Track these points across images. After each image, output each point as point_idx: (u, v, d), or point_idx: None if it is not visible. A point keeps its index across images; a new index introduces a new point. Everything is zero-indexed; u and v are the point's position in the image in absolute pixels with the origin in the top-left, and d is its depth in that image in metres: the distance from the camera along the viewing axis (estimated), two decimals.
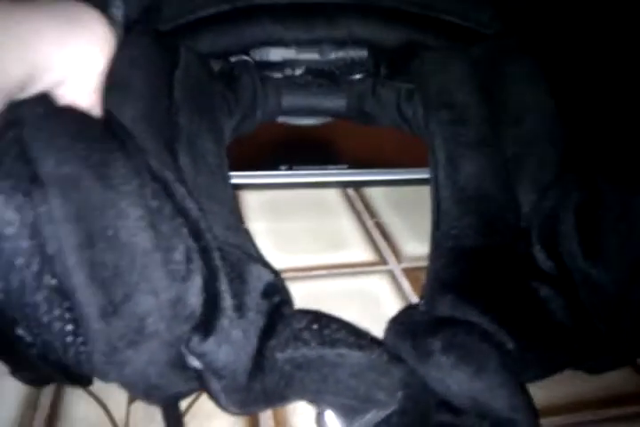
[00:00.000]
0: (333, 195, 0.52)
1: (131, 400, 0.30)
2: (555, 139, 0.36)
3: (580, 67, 0.36)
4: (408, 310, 0.31)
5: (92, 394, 0.30)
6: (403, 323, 0.29)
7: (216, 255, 0.29)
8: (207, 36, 0.47)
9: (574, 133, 0.35)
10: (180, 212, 0.28)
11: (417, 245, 0.44)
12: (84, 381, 0.26)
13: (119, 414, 0.31)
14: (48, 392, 0.31)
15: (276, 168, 0.51)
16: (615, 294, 0.27)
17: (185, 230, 0.27)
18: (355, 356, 0.27)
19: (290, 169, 0.51)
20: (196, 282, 0.26)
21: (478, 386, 0.24)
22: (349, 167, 0.52)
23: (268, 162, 0.52)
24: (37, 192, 0.20)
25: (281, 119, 0.54)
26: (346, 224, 0.48)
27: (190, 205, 0.30)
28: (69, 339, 0.23)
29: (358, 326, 0.30)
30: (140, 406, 0.31)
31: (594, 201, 0.29)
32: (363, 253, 0.44)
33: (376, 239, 0.46)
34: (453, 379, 0.25)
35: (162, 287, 0.23)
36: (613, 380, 0.34)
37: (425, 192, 0.39)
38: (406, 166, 0.52)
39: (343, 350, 0.28)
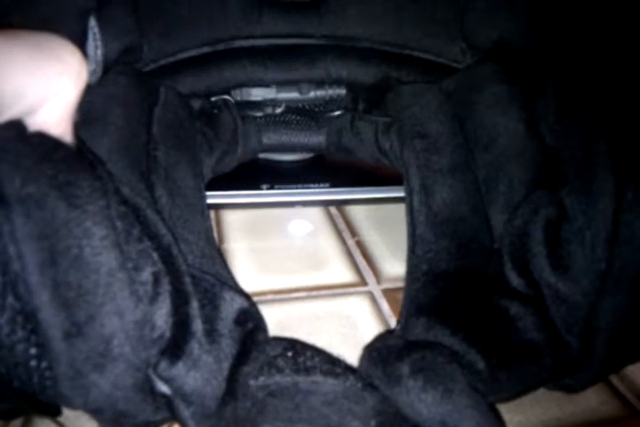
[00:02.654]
0: (315, 213, 0.52)
1: None
2: (524, 160, 0.37)
3: (551, 89, 0.37)
4: (383, 336, 0.31)
5: (60, 425, 0.29)
6: (376, 349, 0.29)
7: (187, 280, 0.29)
8: (188, 77, 0.49)
9: (545, 154, 0.36)
10: (151, 236, 0.29)
11: (397, 265, 0.44)
12: (51, 410, 0.26)
13: None
14: (16, 424, 0.30)
15: (257, 187, 0.51)
16: (584, 307, 0.27)
17: (154, 254, 0.27)
18: (329, 383, 0.27)
19: (271, 188, 0.51)
20: (165, 304, 0.26)
21: (447, 408, 0.24)
22: (331, 186, 0.52)
23: (249, 181, 0.52)
24: (1, 212, 0.20)
25: (262, 155, 0.55)
26: (327, 243, 0.48)
27: (163, 232, 0.30)
28: (33, 363, 0.23)
29: (336, 350, 0.30)
30: None
31: (560, 215, 0.29)
32: (343, 273, 0.44)
33: (357, 259, 0.46)
34: (422, 403, 0.25)
35: (127, 308, 0.23)
36: (591, 404, 0.33)
37: None
38: (389, 184, 0.52)
39: (317, 378, 0.27)
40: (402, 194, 0.42)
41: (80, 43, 0.34)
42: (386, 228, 0.50)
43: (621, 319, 0.27)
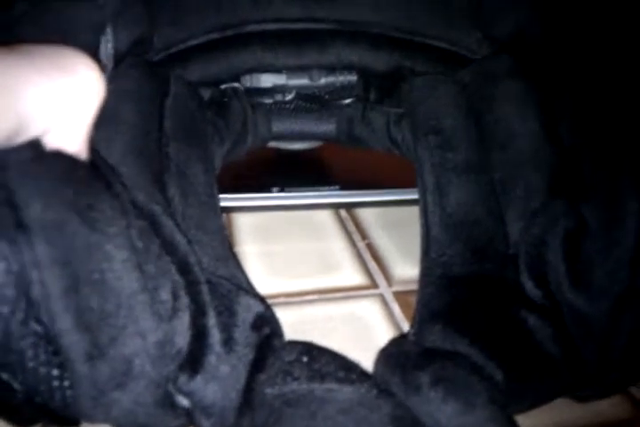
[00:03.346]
0: (325, 216, 0.52)
1: None
2: (541, 163, 0.36)
3: (571, 88, 0.37)
4: (397, 341, 0.31)
5: None
6: (392, 355, 0.29)
7: (204, 289, 0.29)
8: (197, 64, 0.48)
9: (562, 157, 0.35)
10: (168, 247, 0.29)
11: (408, 268, 0.44)
12: (71, 423, 0.26)
13: None
14: None
15: (267, 190, 0.51)
16: (603, 325, 0.27)
17: (172, 267, 0.27)
18: (344, 391, 0.27)
19: (282, 191, 0.51)
20: (183, 320, 0.26)
21: (468, 420, 0.24)
22: (341, 188, 0.52)
23: (259, 184, 0.52)
24: (23, 239, 0.20)
25: (272, 144, 0.54)
26: (337, 246, 0.48)
27: (179, 239, 0.30)
28: (55, 383, 0.23)
29: (349, 354, 0.30)
30: None
31: (580, 229, 0.29)
32: (354, 276, 0.44)
33: (367, 262, 0.46)
34: (442, 413, 0.25)
35: (149, 329, 0.23)
36: (603, 407, 0.33)
37: (417, 212, 0.39)
38: (399, 187, 0.52)
39: (332, 385, 0.28)
40: (412, 196, 0.41)
41: (95, 53, 0.33)
42: (396, 230, 0.50)
43: (638, 338, 0.27)
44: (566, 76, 0.36)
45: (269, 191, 0.51)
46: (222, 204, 0.47)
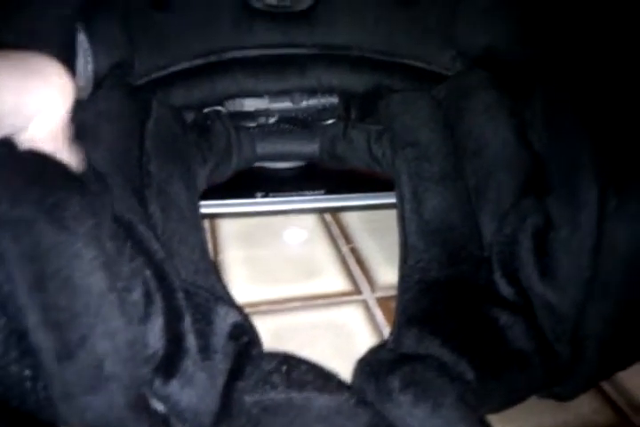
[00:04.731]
0: (310, 220, 0.53)
1: None
2: (512, 167, 0.37)
3: (538, 96, 0.38)
4: (375, 349, 0.31)
5: None
6: (368, 363, 0.29)
7: (180, 296, 0.29)
8: (180, 89, 0.49)
9: (532, 160, 0.36)
10: (144, 253, 0.29)
11: (391, 273, 0.44)
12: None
13: None
14: None
15: (252, 196, 0.51)
16: (572, 315, 0.27)
17: (147, 272, 0.28)
18: (322, 399, 0.27)
19: (266, 196, 0.51)
20: (157, 323, 0.26)
21: (437, 423, 0.24)
22: (326, 193, 0.52)
23: (243, 189, 0.52)
24: None
25: (257, 164, 0.55)
26: (322, 251, 0.48)
27: (155, 246, 0.30)
28: (28, 384, 0.23)
29: (331, 361, 0.30)
30: None
31: (547, 224, 0.30)
32: (337, 281, 0.44)
33: (351, 267, 0.46)
34: (413, 417, 0.25)
35: (118, 329, 0.23)
36: (584, 411, 0.33)
37: None
38: (383, 190, 0.51)
39: (311, 394, 0.28)
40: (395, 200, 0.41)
41: (66, 54, 0.34)
42: (380, 233, 0.50)
43: (609, 327, 0.27)
44: (533, 85, 0.37)
45: (254, 197, 0.51)
46: (207, 210, 0.48)
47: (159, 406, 0.26)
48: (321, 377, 0.29)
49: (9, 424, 0.25)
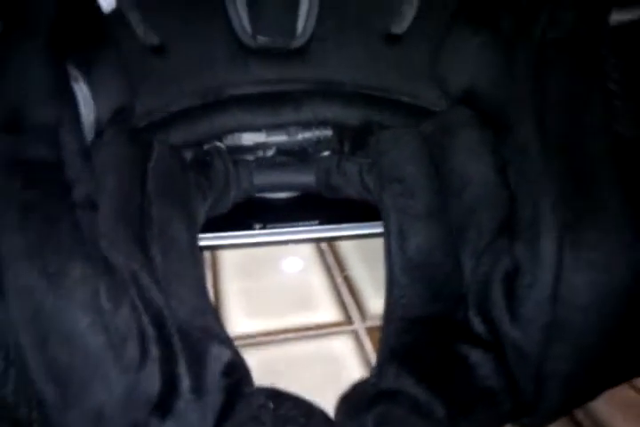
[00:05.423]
0: (306, 249, 0.55)
1: None
2: (492, 206, 0.39)
3: (511, 135, 0.40)
4: (358, 384, 0.34)
5: None
6: (349, 400, 0.32)
7: (176, 341, 0.32)
8: (180, 128, 0.52)
9: (510, 199, 0.38)
10: (144, 301, 0.32)
11: (381, 302, 0.46)
12: None
13: None
14: None
15: (250, 227, 0.54)
16: (534, 354, 0.29)
17: (145, 320, 0.30)
18: None
19: (263, 228, 0.54)
20: (152, 370, 0.28)
21: None
22: (320, 223, 0.55)
23: (241, 221, 0.54)
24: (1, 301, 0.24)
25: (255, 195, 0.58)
26: (317, 280, 0.51)
27: (154, 295, 0.33)
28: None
29: (322, 391, 0.33)
30: None
31: (515, 267, 0.32)
32: (330, 312, 0.47)
33: (344, 297, 0.49)
34: None
35: (114, 381, 0.26)
36: None
37: None
38: (376, 219, 0.53)
39: None
40: None
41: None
42: (374, 262, 0.52)
43: (569, 367, 0.29)
44: (507, 124, 0.39)
45: (252, 228, 0.54)
46: (207, 243, 0.51)
47: None
48: (306, 413, 0.31)
49: None
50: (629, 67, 0.34)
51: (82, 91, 0.41)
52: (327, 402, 0.33)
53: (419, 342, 0.34)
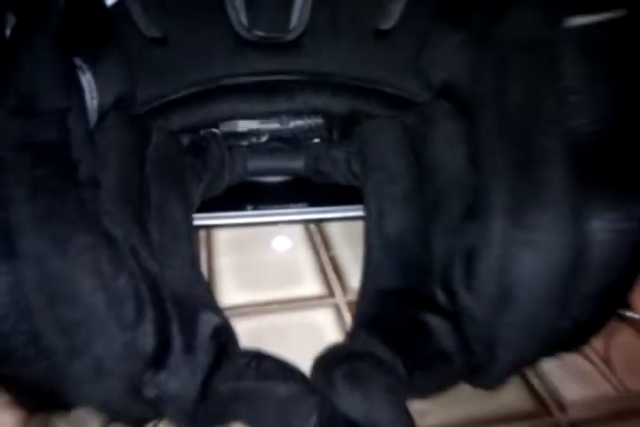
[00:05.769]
0: (296, 230, 0.59)
1: (104, 424, 0.36)
2: (462, 191, 0.42)
3: (481, 127, 0.43)
4: (331, 347, 0.38)
5: (73, 419, 0.36)
6: (323, 359, 0.36)
7: (170, 305, 0.36)
8: (179, 115, 0.55)
9: (481, 184, 0.41)
10: (142, 270, 0.36)
11: None
12: (66, 407, 0.33)
13: None
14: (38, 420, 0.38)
15: (243, 208, 0.58)
16: (486, 322, 0.33)
17: (143, 286, 0.34)
18: (281, 388, 0.34)
19: (255, 209, 0.58)
20: (147, 329, 0.32)
21: (367, 406, 0.31)
22: (309, 206, 0.59)
23: (235, 203, 0.58)
24: (14, 264, 0.27)
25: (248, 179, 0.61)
26: (304, 258, 0.55)
27: (151, 264, 0.37)
28: (44, 377, 0.30)
29: (301, 356, 0.36)
30: None
31: (473, 245, 0.36)
32: (314, 286, 0.51)
33: (328, 274, 0.52)
34: (350, 402, 0.31)
35: (114, 336, 0.30)
36: (509, 400, 0.39)
37: None
38: (361, 203, 0.57)
39: (273, 384, 0.34)
40: None
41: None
42: (358, 243, 0.56)
43: (517, 333, 0.33)
44: (479, 117, 0.43)
45: (244, 209, 0.58)
46: (203, 222, 0.55)
47: (150, 393, 0.33)
48: (284, 370, 0.35)
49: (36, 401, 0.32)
50: (590, 67, 0.37)
51: (86, 79, 0.45)
52: (306, 365, 0.37)
53: (387, 312, 0.38)
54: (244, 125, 0.60)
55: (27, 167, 0.30)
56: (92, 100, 0.45)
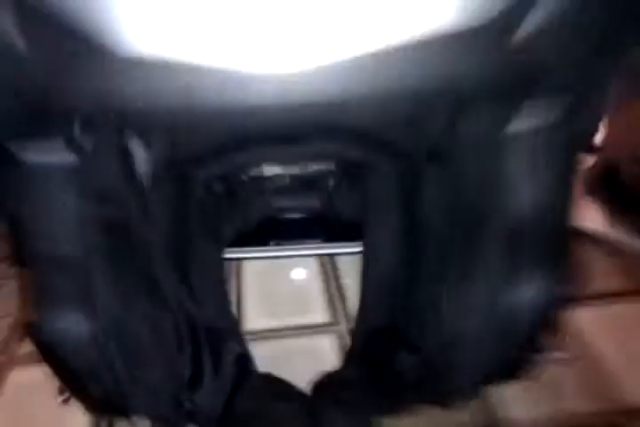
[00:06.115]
0: (311, 261, 0.71)
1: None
2: (439, 244, 0.52)
3: None
4: (327, 374, 0.49)
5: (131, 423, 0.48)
6: (319, 384, 0.47)
7: (202, 337, 0.47)
8: (212, 165, 0.66)
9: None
10: (181, 310, 0.47)
11: None
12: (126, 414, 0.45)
13: None
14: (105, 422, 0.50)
15: (267, 243, 0.69)
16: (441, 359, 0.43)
17: (183, 327, 0.45)
18: (285, 407, 0.45)
19: (278, 244, 0.69)
20: (186, 360, 0.44)
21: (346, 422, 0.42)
22: (323, 241, 0.70)
23: (260, 239, 0.70)
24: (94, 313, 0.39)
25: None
26: (316, 287, 0.66)
27: (188, 306, 0.48)
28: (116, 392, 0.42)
29: (308, 377, 0.47)
30: None
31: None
32: (324, 314, 0.62)
33: (335, 302, 0.63)
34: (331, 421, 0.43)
35: (161, 362, 0.42)
36: (465, 415, 0.49)
37: None
38: None
39: (280, 403, 0.45)
40: None
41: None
42: None
43: (466, 367, 0.43)
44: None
45: (268, 244, 0.69)
46: (234, 255, 0.66)
47: (187, 407, 0.44)
48: (288, 391, 0.46)
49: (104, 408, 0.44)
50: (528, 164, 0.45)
51: (140, 151, 0.56)
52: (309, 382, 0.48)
53: (371, 349, 0.49)
54: (268, 170, 0.71)
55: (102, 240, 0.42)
56: (145, 167, 0.56)
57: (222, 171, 0.67)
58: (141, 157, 0.55)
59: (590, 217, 0.69)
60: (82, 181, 0.39)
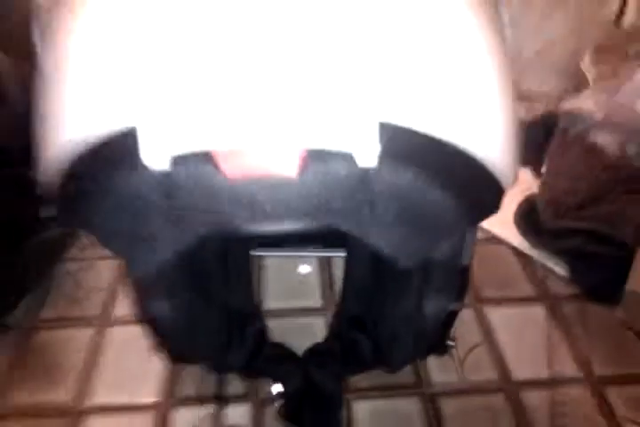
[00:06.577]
0: (315, 260, 0.96)
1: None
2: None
3: None
4: (316, 345, 0.75)
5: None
6: (311, 351, 0.74)
7: (233, 316, 0.74)
8: None
9: None
10: (222, 299, 0.74)
11: None
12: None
13: None
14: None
15: (281, 246, 0.96)
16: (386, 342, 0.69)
17: (224, 311, 0.72)
18: (284, 365, 0.72)
19: (290, 247, 0.96)
20: (223, 331, 0.71)
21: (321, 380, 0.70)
22: (322, 247, 0.96)
23: (278, 244, 0.97)
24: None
25: None
26: (317, 279, 0.91)
27: (226, 295, 0.75)
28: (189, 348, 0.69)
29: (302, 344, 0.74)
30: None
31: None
32: (320, 300, 0.87)
33: (327, 291, 0.89)
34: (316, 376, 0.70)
35: (209, 335, 0.69)
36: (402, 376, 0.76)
37: None
38: None
39: (280, 363, 0.73)
40: None
41: None
42: None
43: (402, 346, 0.69)
44: None
45: (282, 247, 0.96)
46: (258, 253, 0.94)
47: (224, 362, 0.72)
48: (290, 356, 0.74)
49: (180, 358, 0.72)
50: None
51: None
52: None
53: (342, 331, 0.75)
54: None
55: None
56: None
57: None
58: None
59: (514, 236, 0.94)
60: None
